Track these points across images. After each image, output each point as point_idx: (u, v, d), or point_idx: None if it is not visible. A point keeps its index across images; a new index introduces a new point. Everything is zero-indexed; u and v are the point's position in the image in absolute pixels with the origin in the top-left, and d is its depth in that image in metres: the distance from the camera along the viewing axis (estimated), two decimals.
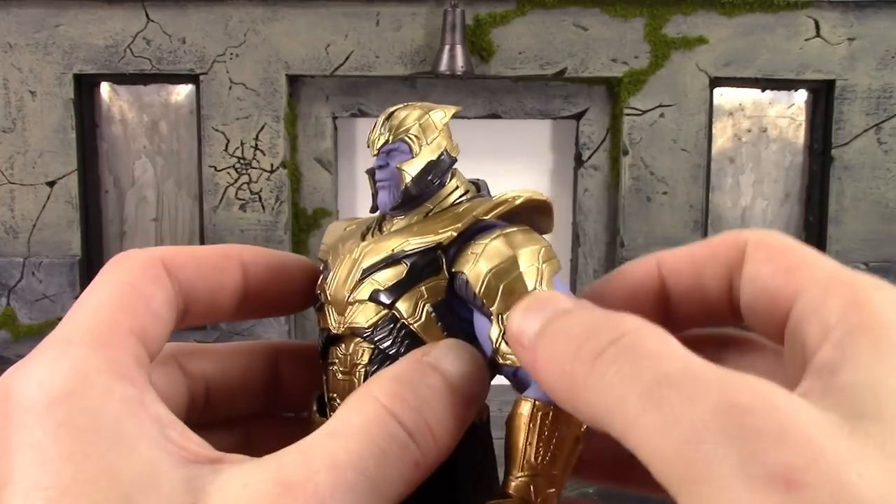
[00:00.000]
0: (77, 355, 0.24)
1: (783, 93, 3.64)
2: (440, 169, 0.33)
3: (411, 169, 0.33)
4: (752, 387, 0.20)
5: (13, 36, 3.43)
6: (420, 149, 0.33)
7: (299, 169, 3.67)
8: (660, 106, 3.52)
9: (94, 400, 0.23)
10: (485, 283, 0.30)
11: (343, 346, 0.31)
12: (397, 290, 0.30)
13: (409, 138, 0.33)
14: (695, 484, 0.19)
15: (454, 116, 0.37)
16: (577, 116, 3.67)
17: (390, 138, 0.34)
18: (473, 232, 0.31)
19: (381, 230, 0.34)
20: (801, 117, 3.67)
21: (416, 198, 0.33)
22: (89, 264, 3.64)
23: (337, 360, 0.31)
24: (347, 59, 3.47)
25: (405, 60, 3.47)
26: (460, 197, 0.33)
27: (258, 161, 3.53)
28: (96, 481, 0.22)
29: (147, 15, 3.43)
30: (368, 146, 0.34)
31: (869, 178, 3.54)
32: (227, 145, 3.52)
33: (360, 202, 3.84)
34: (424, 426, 0.24)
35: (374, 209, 0.35)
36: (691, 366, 0.21)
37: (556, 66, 3.49)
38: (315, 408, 0.32)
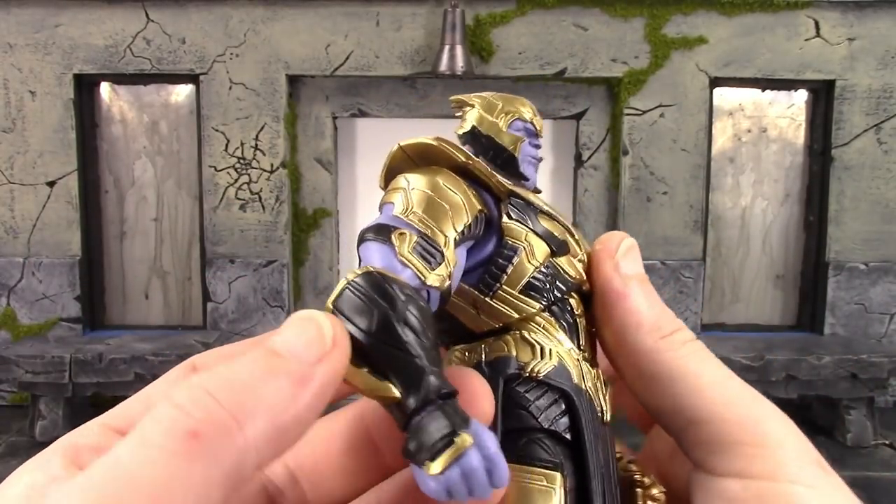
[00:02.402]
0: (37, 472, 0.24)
1: (783, 93, 3.64)
2: None
3: None
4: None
5: (13, 36, 3.43)
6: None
7: (299, 169, 3.67)
8: (660, 106, 3.52)
9: None
10: None
11: (583, 303, 0.33)
12: None
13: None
14: (757, 447, 0.27)
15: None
16: (577, 116, 3.68)
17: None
18: None
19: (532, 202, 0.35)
20: (801, 117, 3.67)
21: None
22: (89, 264, 3.64)
23: (583, 315, 0.33)
24: (347, 59, 3.47)
25: (405, 60, 3.47)
26: None
27: (258, 161, 3.53)
28: None
29: (147, 15, 3.43)
30: (536, 130, 0.37)
31: (869, 178, 3.54)
32: (227, 145, 3.52)
33: (360, 202, 3.84)
34: (210, 404, 0.22)
35: (522, 179, 0.36)
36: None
37: (556, 66, 3.49)
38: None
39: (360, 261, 0.29)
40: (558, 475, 0.29)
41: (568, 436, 0.29)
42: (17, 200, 3.52)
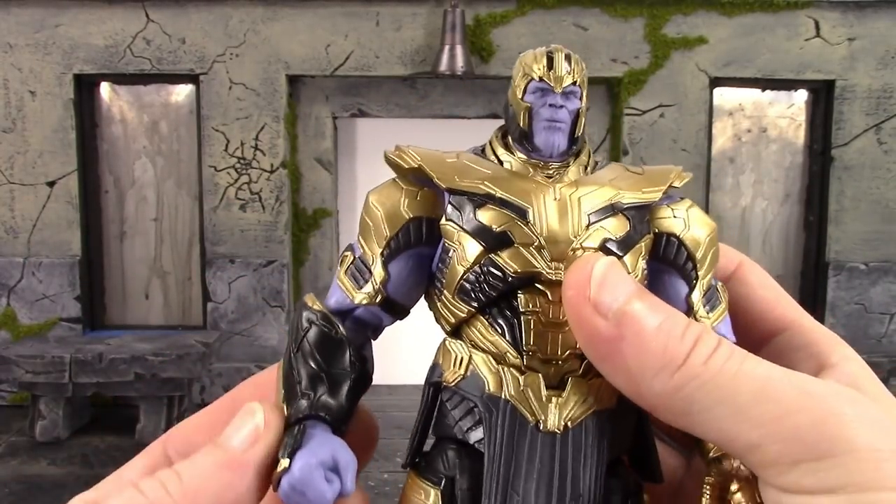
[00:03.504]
0: None
1: (783, 93, 3.64)
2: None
3: (584, 118, 0.32)
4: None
5: (13, 36, 3.43)
6: (586, 100, 0.32)
7: (299, 169, 3.67)
8: (660, 106, 3.52)
9: None
10: (703, 248, 0.31)
11: (549, 292, 0.29)
12: (627, 242, 0.29)
13: (584, 86, 0.32)
14: (825, 459, 0.24)
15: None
16: None
17: (577, 80, 0.31)
18: None
19: (550, 175, 0.31)
20: (801, 117, 3.67)
21: (572, 147, 0.32)
22: (89, 264, 3.64)
23: (539, 310, 0.29)
24: (347, 59, 3.47)
25: (405, 60, 3.47)
26: (589, 158, 0.32)
27: (258, 161, 3.53)
28: None
29: (147, 15, 3.43)
30: (543, 80, 0.31)
31: (869, 178, 3.54)
32: (227, 145, 3.52)
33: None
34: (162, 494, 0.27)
35: (531, 148, 0.31)
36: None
37: None
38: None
39: None
40: (434, 492, 0.29)
41: (481, 448, 0.28)
42: (17, 200, 3.51)
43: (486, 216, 0.29)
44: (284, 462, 0.27)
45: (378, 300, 0.30)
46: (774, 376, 0.26)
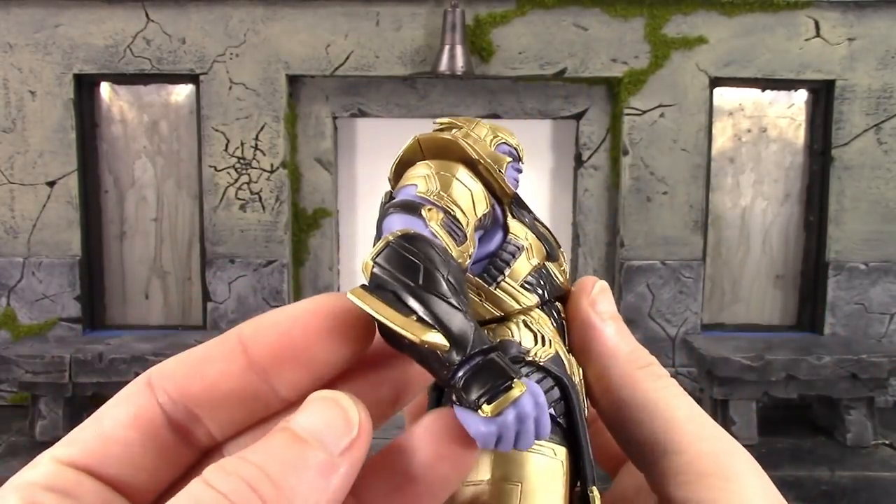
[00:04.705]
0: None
1: (783, 93, 3.64)
2: None
3: None
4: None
5: (13, 36, 3.43)
6: None
7: (299, 169, 3.67)
8: (660, 106, 3.52)
9: None
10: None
11: (559, 306, 0.35)
12: None
13: None
14: (727, 481, 0.28)
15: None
16: (577, 116, 3.68)
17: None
18: None
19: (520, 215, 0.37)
20: (801, 117, 3.67)
21: None
22: (89, 264, 3.64)
23: (563, 319, 0.35)
24: (347, 59, 3.47)
25: (405, 60, 3.47)
26: None
27: (258, 161, 3.53)
28: None
29: (147, 15, 3.43)
30: (520, 155, 0.37)
31: (869, 178, 3.54)
32: (227, 145, 3.52)
33: (360, 202, 3.84)
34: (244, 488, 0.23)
35: (514, 200, 0.37)
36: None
37: (556, 66, 3.49)
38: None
39: (378, 236, 0.29)
40: (564, 449, 0.30)
41: (562, 421, 0.31)
42: (17, 200, 3.52)
43: (544, 230, 0.36)
44: (521, 386, 0.25)
45: (466, 264, 0.30)
46: (703, 413, 0.32)
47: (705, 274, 3.62)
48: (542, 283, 0.34)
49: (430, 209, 0.30)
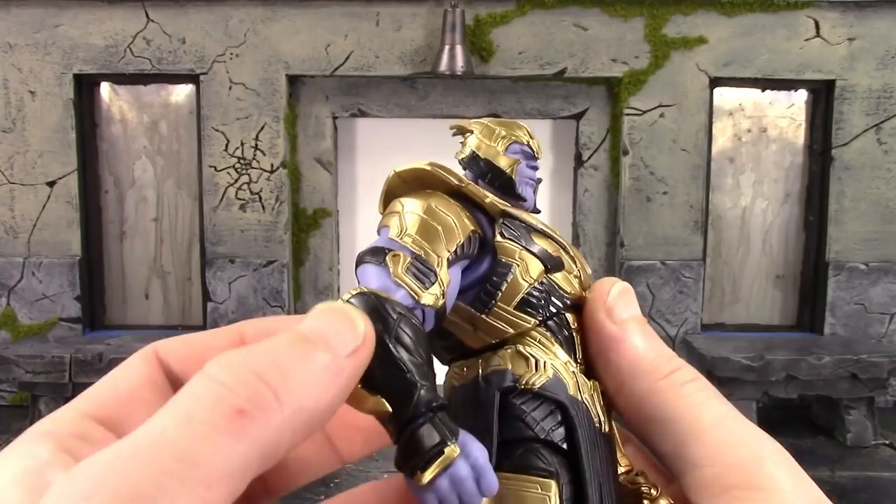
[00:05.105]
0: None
1: (783, 93, 3.64)
2: None
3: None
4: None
5: (13, 36, 3.43)
6: None
7: (299, 169, 3.67)
8: (660, 106, 3.52)
9: None
10: None
11: (579, 317, 0.34)
12: None
13: None
14: (756, 490, 0.27)
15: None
16: (577, 116, 3.68)
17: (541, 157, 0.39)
18: None
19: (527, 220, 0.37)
20: (801, 117, 3.67)
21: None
22: (89, 264, 3.64)
23: (581, 331, 0.33)
24: (347, 59, 3.47)
25: (405, 60, 3.47)
26: None
27: (258, 161, 3.53)
28: None
29: (147, 15, 3.43)
30: (534, 152, 0.38)
31: (869, 178, 3.54)
32: (227, 145, 3.52)
33: (360, 202, 3.84)
34: (248, 376, 0.22)
35: (520, 199, 0.37)
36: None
37: (556, 66, 3.49)
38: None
39: (358, 283, 0.30)
40: (553, 483, 0.29)
41: (564, 445, 0.30)
42: (17, 200, 3.52)
43: (543, 241, 0.34)
44: (454, 448, 0.26)
45: (440, 304, 0.30)
46: (731, 415, 0.30)
47: (705, 274, 3.62)
48: (543, 300, 0.32)
49: (395, 255, 0.30)
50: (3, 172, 3.50)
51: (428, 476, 0.25)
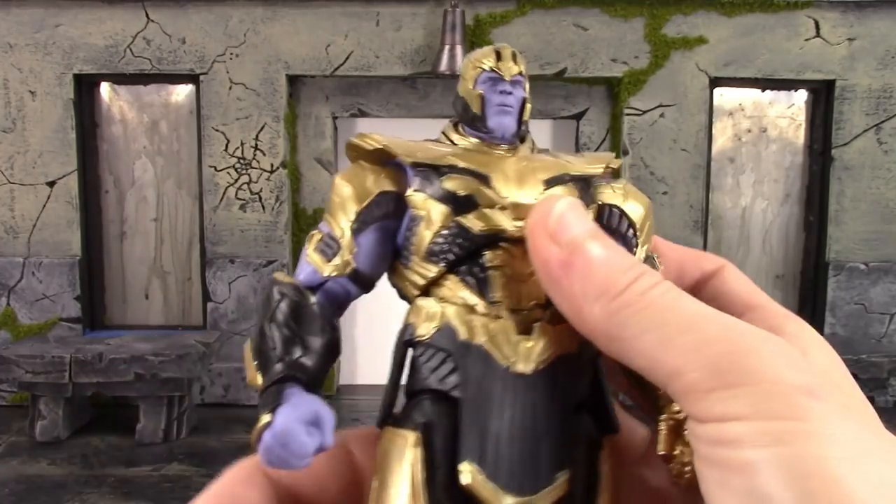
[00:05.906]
0: None
1: (783, 93, 3.64)
2: None
3: (529, 105, 0.37)
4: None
5: (13, 36, 3.43)
6: (528, 90, 0.37)
7: (299, 169, 3.67)
8: (660, 106, 3.52)
9: None
10: (641, 219, 0.37)
11: (512, 249, 0.32)
12: None
13: (527, 79, 0.37)
14: (737, 388, 0.24)
15: None
16: (577, 116, 3.68)
17: (523, 71, 0.36)
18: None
19: (499, 153, 0.35)
20: (801, 117, 3.67)
21: (519, 132, 0.36)
22: (89, 264, 3.64)
23: (503, 265, 0.32)
24: (347, 59, 3.47)
25: (405, 60, 3.47)
26: (533, 144, 0.37)
27: (258, 161, 3.53)
28: None
29: (147, 15, 3.43)
30: (493, 70, 0.35)
31: (869, 178, 3.54)
32: (227, 145, 3.52)
33: None
34: None
35: (484, 129, 0.35)
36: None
37: (556, 66, 3.49)
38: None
39: None
40: (413, 435, 0.30)
41: (457, 393, 0.30)
42: (17, 200, 3.52)
43: (451, 183, 0.32)
44: (266, 417, 0.28)
45: (347, 271, 0.32)
46: (704, 312, 0.27)
47: None
48: (447, 245, 0.32)
49: (312, 234, 0.33)
50: (3, 172, 3.50)
51: (253, 439, 0.28)
